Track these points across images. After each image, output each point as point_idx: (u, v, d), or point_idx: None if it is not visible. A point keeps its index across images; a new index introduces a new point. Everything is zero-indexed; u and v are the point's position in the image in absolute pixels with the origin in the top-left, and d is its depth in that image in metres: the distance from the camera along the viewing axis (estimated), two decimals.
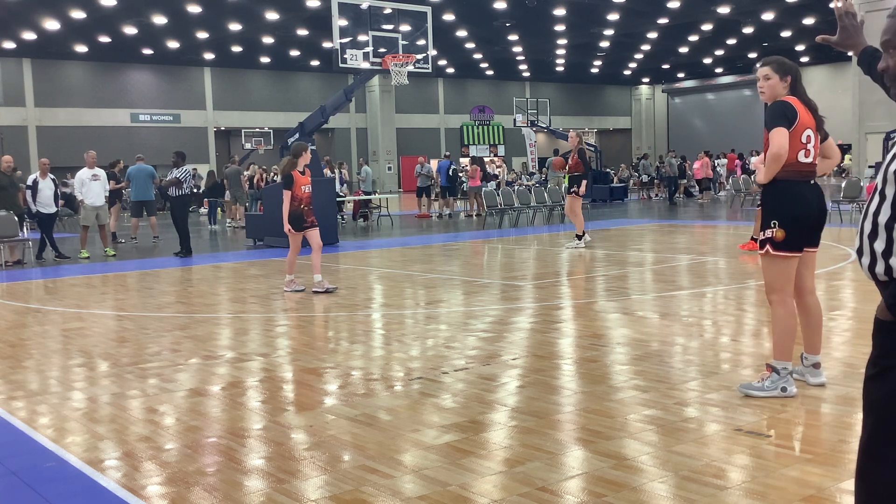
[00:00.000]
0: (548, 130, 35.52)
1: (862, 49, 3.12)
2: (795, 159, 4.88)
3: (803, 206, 4.91)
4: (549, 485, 3.77)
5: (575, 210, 14.84)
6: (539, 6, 28.62)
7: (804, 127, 4.89)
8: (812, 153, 4.95)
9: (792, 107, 4.88)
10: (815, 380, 5.21)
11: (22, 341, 7.77)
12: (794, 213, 4.89)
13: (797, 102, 4.92)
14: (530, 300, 9.35)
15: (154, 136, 39.11)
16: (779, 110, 4.88)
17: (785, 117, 4.84)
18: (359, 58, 16.50)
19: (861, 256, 2.17)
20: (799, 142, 4.87)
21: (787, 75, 4.98)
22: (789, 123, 4.84)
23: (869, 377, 2.12)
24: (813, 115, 4.98)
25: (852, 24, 3.08)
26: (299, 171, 10.22)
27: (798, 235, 4.91)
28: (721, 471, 3.87)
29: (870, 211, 2.15)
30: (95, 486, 4.02)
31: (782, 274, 4.96)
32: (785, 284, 4.98)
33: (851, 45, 3.11)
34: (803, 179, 4.93)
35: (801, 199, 4.90)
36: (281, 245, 16.40)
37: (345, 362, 6.50)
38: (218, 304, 9.91)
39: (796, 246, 4.92)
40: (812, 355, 5.23)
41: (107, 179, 16.76)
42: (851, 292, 9.02)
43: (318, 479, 3.97)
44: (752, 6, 29.57)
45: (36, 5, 26.70)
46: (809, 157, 4.92)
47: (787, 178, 4.89)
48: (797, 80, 5.02)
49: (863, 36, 3.13)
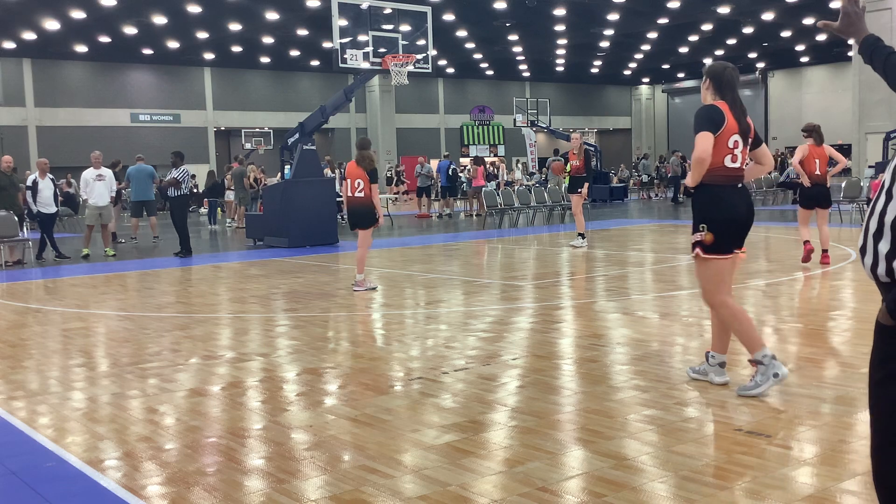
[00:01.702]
0: (548, 130, 35.50)
1: (864, 37, 3.07)
2: (722, 164, 4.98)
3: (731, 211, 5.02)
4: (549, 485, 3.77)
5: (576, 210, 14.92)
6: (539, 6, 28.60)
7: (731, 132, 4.98)
8: (739, 158, 5.04)
9: (719, 111, 5.00)
10: (719, 379, 5.29)
11: (22, 341, 7.77)
12: (721, 216, 5.00)
13: (725, 107, 5.03)
14: (530, 300, 9.35)
15: (154, 136, 39.09)
16: (705, 115, 5.00)
17: (711, 121, 4.95)
18: (359, 58, 16.50)
19: (864, 256, 2.14)
20: (726, 146, 4.97)
21: (707, 79, 5.14)
22: (715, 128, 4.92)
23: (877, 382, 2.10)
24: (739, 121, 5.03)
25: (855, 11, 3.04)
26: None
27: (727, 238, 5.03)
28: (721, 471, 3.87)
29: (876, 209, 2.11)
30: (95, 486, 4.02)
31: (716, 276, 5.07)
32: (720, 286, 5.10)
33: (853, 33, 3.06)
34: (730, 184, 5.03)
35: (728, 203, 5.01)
36: (281, 245, 16.42)
37: (345, 362, 6.50)
38: (218, 304, 9.91)
39: (726, 249, 5.06)
40: (719, 354, 5.32)
41: (113, 179, 16.80)
42: (851, 292, 9.02)
43: (318, 479, 3.97)
44: (752, 6, 29.55)
45: (36, 5, 26.69)
46: (736, 162, 5.02)
47: (714, 183, 5.01)
48: (722, 84, 5.09)
49: (864, 23, 3.08)
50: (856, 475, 3.76)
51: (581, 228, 14.70)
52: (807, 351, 6.29)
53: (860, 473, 3.77)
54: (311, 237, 16.55)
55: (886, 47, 3.00)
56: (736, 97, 5.09)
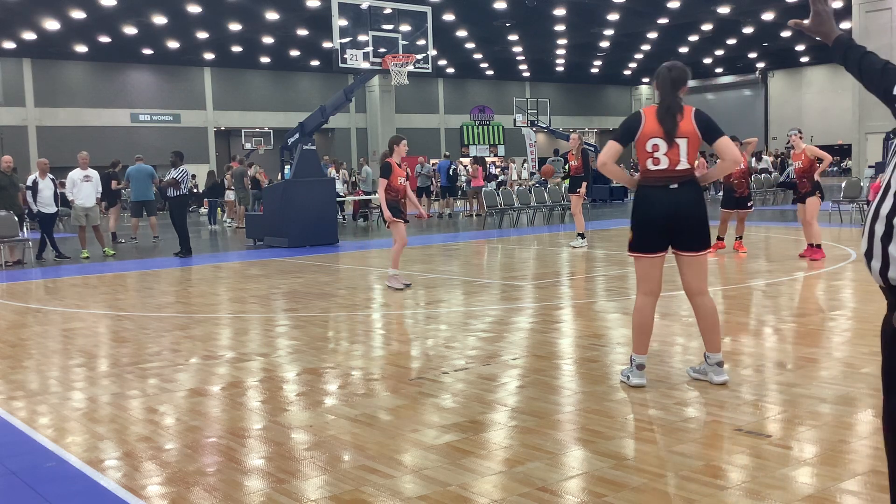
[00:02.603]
0: (548, 130, 35.50)
1: (836, 37, 3.05)
2: (645, 167, 5.15)
3: (648, 212, 5.17)
4: (549, 485, 3.77)
5: (575, 210, 14.94)
6: (539, 6, 28.61)
7: (647, 136, 5.09)
8: (663, 160, 5.09)
9: (636, 117, 5.18)
10: (718, 378, 5.31)
11: (22, 341, 7.77)
12: (639, 217, 5.20)
13: (648, 112, 5.14)
14: (530, 300, 9.35)
15: (154, 136, 39.09)
16: (622, 123, 5.30)
17: (624, 129, 5.22)
18: (359, 58, 16.50)
19: (870, 260, 2.10)
20: (644, 151, 5.13)
21: (653, 82, 5.30)
22: (628, 135, 5.16)
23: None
24: (663, 123, 5.07)
25: (825, 10, 3.03)
26: (396, 163, 10.02)
27: (644, 238, 5.18)
28: (721, 471, 3.87)
29: (882, 212, 2.07)
30: (95, 486, 4.02)
31: (639, 272, 5.31)
32: (640, 283, 5.31)
33: (824, 32, 3.05)
34: (658, 185, 5.13)
35: (647, 204, 5.17)
36: (281, 245, 16.42)
37: (345, 362, 6.50)
38: (218, 304, 9.91)
39: (646, 248, 5.21)
40: (713, 354, 5.34)
41: (100, 181, 16.74)
42: (851, 292, 9.02)
43: (318, 479, 3.97)
44: (752, 6, 29.57)
45: (36, 5, 26.70)
46: (659, 165, 5.11)
47: (642, 184, 5.19)
48: (658, 85, 5.21)
49: (834, 23, 3.07)
50: (856, 475, 3.76)
51: (581, 228, 14.72)
52: (807, 351, 6.29)
53: (860, 473, 3.77)
54: (311, 237, 16.55)
55: (860, 47, 2.99)
56: (667, 99, 5.13)
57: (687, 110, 5.13)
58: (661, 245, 5.19)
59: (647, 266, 5.25)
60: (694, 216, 5.14)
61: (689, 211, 5.12)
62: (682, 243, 5.18)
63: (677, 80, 5.16)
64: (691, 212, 5.13)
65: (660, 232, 5.16)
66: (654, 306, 5.35)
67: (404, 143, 10.12)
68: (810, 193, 11.56)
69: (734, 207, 12.58)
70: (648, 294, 5.30)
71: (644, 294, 5.31)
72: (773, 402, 4.94)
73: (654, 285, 5.29)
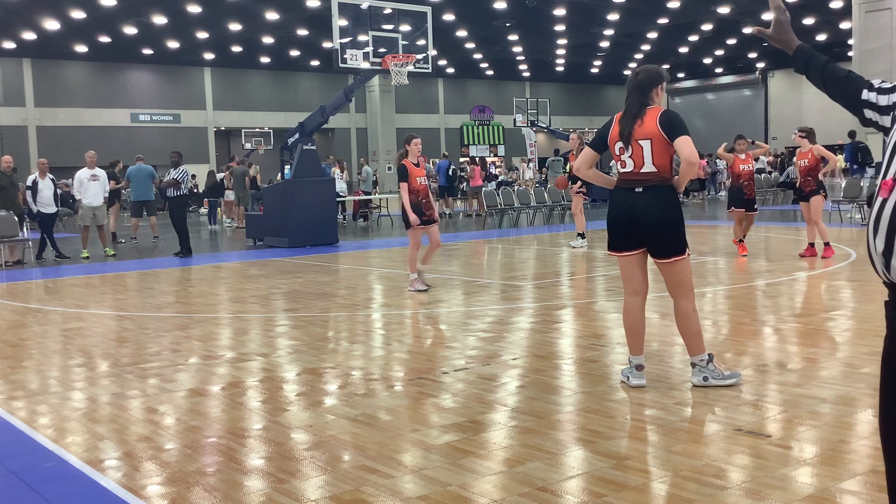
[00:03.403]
0: (548, 130, 35.50)
1: (797, 46, 3.07)
2: (618, 170, 5.28)
3: (612, 212, 5.27)
4: (549, 485, 3.77)
5: (576, 210, 14.93)
6: (539, 6, 28.60)
7: (614, 141, 5.22)
8: (629, 163, 5.14)
9: (606, 124, 5.35)
10: (695, 379, 5.28)
11: (22, 341, 7.77)
12: (608, 217, 5.33)
13: (618, 116, 5.26)
14: (530, 300, 9.35)
15: (154, 136, 39.08)
16: (599, 129, 5.49)
17: (599, 136, 5.35)
18: (359, 58, 16.50)
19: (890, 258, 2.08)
20: (615, 154, 5.22)
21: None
22: (595, 142, 5.37)
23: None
24: (622, 127, 5.15)
25: (786, 20, 3.06)
26: (412, 163, 9.67)
27: (612, 237, 5.29)
28: (721, 471, 3.87)
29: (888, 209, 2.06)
30: (95, 486, 4.02)
31: (621, 271, 5.43)
32: (624, 282, 5.42)
33: (785, 41, 3.07)
34: (623, 187, 5.21)
35: (613, 205, 5.29)
36: (281, 245, 16.42)
37: (345, 362, 6.50)
38: (218, 304, 9.91)
39: (615, 247, 5.28)
40: (696, 356, 5.30)
41: (107, 180, 16.77)
42: (851, 292, 9.02)
43: (318, 479, 3.97)
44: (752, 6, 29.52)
45: (36, 5, 26.69)
46: (625, 167, 5.18)
47: (616, 186, 5.30)
48: (626, 89, 5.31)
49: (793, 33, 3.09)
50: (856, 475, 3.76)
51: (581, 228, 14.71)
52: (807, 351, 6.29)
53: (860, 473, 3.77)
54: (311, 237, 16.55)
55: (822, 56, 3.00)
56: (631, 101, 5.19)
57: (653, 112, 5.10)
58: (629, 245, 5.21)
59: (623, 265, 5.34)
60: (659, 222, 5.07)
61: (652, 216, 5.06)
62: (651, 249, 5.19)
63: (644, 83, 5.19)
64: (655, 217, 5.06)
65: (625, 233, 5.19)
66: (641, 306, 5.34)
67: (416, 142, 9.74)
68: (815, 192, 11.54)
69: (741, 207, 12.32)
70: (632, 294, 5.34)
71: (629, 294, 5.36)
72: (773, 402, 4.94)
73: (636, 284, 5.31)
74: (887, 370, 2.30)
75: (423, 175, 9.83)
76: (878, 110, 2.67)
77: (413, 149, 9.70)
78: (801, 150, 11.82)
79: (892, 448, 2.23)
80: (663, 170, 5.07)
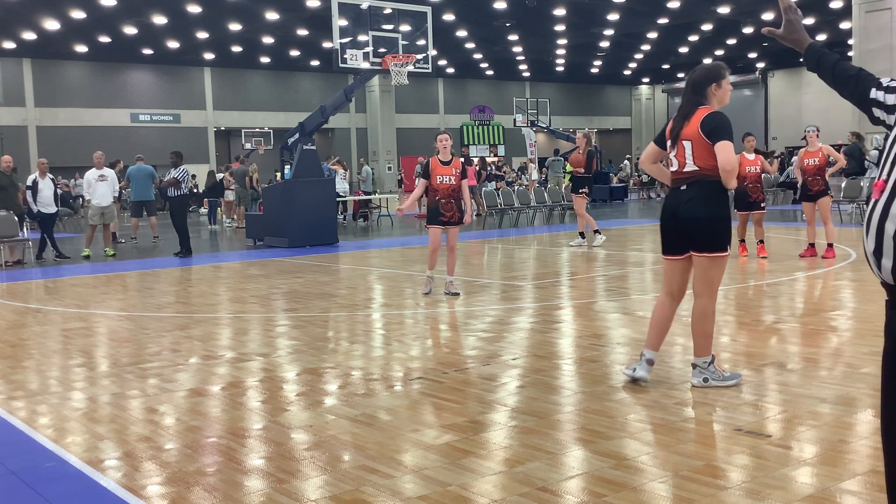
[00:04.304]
0: (548, 130, 35.49)
1: (808, 45, 3.07)
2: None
3: (662, 213, 5.29)
4: (549, 485, 3.77)
5: (580, 210, 14.83)
6: (539, 6, 28.60)
7: (666, 139, 5.24)
8: (675, 162, 5.16)
9: (667, 122, 5.38)
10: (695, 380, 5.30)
11: (22, 341, 7.77)
12: (660, 217, 5.32)
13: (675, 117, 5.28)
14: (530, 300, 9.35)
15: (154, 136, 39.08)
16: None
17: (659, 135, 5.36)
18: (359, 58, 16.50)
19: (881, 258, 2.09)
20: (667, 153, 5.26)
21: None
22: (656, 138, 5.37)
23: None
24: (673, 126, 5.18)
25: (797, 19, 3.07)
26: (439, 160, 9.27)
27: (662, 239, 5.31)
28: (721, 471, 3.87)
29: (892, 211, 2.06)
30: (95, 486, 4.02)
31: (663, 271, 5.44)
32: (663, 280, 5.43)
33: (796, 40, 3.08)
34: (672, 187, 5.24)
35: (663, 206, 5.29)
36: (281, 245, 16.41)
37: (345, 362, 6.50)
38: (218, 304, 9.91)
39: (663, 249, 5.31)
40: (649, 351, 5.39)
41: (116, 180, 16.81)
42: (851, 292, 9.02)
43: (318, 479, 3.97)
44: (752, 6, 29.54)
45: (36, 5, 26.69)
46: (673, 166, 5.21)
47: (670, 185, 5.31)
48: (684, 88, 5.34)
49: (805, 31, 3.10)
50: (856, 475, 3.76)
51: (586, 227, 14.65)
52: (807, 351, 6.29)
53: (860, 473, 3.77)
54: (311, 237, 16.55)
55: (833, 55, 3.00)
56: (685, 100, 5.22)
57: (700, 112, 5.10)
58: (672, 249, 5.21)
59: (667, 267, 5.34)
60: (697, 216, 5.05)
61: (690, 210, 5.07)
62: (691, 243, 5.15)
63: (697, 82, 5.21)
64: (693, 211, 5.06)
65: (669, 236, 5.21)
66: (672, 307, 5.35)
67: (439, 139, 9.29)
68: (823, 192, 11.44)
69: (746, 209, 12.17)
70: (667, 295, 5.35)
71: (664, 293, 5.38)
72: (773, 402, 4.94)
73: (671, 287, 5.31)
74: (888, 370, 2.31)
75: (450, 174, 9.26)
76: (886, 109, 2.67)
77: (438, 146, 9.33)
78: (808, 148, 11.60)
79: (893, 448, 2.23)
80: (706, 170, 5.04)
